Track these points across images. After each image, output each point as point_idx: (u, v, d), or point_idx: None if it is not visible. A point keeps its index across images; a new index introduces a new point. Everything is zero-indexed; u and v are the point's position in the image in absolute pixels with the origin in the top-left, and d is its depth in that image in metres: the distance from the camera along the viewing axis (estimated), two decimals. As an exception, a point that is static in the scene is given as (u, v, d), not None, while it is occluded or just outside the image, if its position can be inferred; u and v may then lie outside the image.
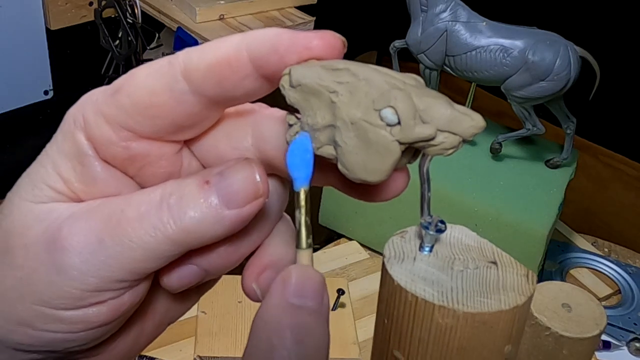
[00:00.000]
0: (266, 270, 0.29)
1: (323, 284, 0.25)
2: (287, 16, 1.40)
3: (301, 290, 0.24)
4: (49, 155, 0.27)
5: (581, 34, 1.13)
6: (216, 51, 0.25)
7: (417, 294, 0.27)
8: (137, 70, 0.26)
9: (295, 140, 0.26)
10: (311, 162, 0.26)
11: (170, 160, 0.28)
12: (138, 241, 0.25)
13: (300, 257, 0.26)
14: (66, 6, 1.31)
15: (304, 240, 0.26)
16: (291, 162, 0.26)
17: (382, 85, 0.25)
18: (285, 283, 0.25)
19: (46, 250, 0.26)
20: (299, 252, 0.26)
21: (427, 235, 0.29)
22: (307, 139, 0.26)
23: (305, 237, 0.26)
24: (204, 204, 0.25)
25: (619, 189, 1.59)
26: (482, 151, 1.16)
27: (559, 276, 1.17)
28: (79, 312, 0.26)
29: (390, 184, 0.27)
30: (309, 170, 0.26)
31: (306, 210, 0.26)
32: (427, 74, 1.13)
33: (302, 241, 0.26)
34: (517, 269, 0.29)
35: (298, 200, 0.26)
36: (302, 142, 0.26)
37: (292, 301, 0.24)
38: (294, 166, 0.26)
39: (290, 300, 0.24)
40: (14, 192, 0.27)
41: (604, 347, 1.05)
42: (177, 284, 0.28)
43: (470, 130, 0.25)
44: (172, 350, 0.95)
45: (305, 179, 0.26)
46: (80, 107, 0.27)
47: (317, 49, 0.25)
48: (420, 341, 0.28)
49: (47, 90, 1.34)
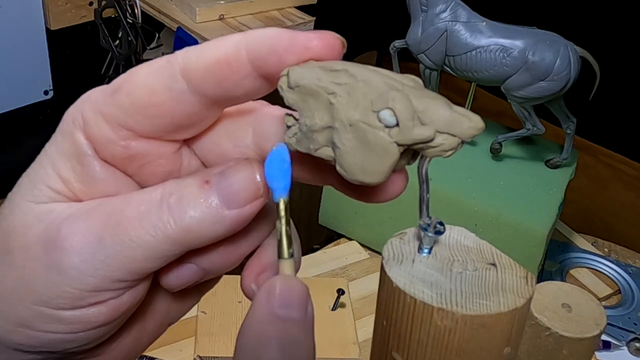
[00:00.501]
0: (265, 271, 0.29)
1: (307, 294, 0.25)
2: (287, 16, 1.39)
3: (286, 301, 0.25)
4: (48, 155, 0.27)
5: (581, 34, 1.13)
6: (215, 51, 0.25)
7: (416, 296, 0.27)
8: (136, 70, 0.26)
9: (272, 151, 0.26)
10: (289, 173, 0.26)
11: (170, 159, 0.28)
12: (138, 240, 0.25)
13: (282, 267, 0.26)
14: (66, 6, 1.31)
15: (285, 250, 0.26)
16: (269, 173, 0.26)
17: (381, 87, 0.25)
18: (269, 294, 0.25)
19: (45, 250, 0.26)
20: (281, 262, 0.26)
21: (426, 237, 0.29)
22: (285, 149, 0.26)
23: (287, 247, 0.26)
24: (204, 203, 0.25)
25: (619, 189, 1.59)
26: (482, 151, 1.16)
27: (559, 276, 1.17)
28: (78, 312, 0.26)
29: (389, 186, 0.27)
30: (287, 181, 0.26)
31: (286, 220, 0.26)
32: (427, 74, 1.13)
33: (284, 251, 0.26)
34: (516, 271, 0.29)
35: (278, 211, 0.26)
36: (279, 153, 0.26)
37: (277, 312, 0.24)
38: (272, 177, 0.26)
39: (275, 311, 0.24)
40: (15, 192, 0.27)
41: (604, 347, 1.05)
42: (176, 283, 0.28)
43: (469, 131, 0.25)
44: (172, 350, 0.95)
45: (284, 189, 0.26)
46: (79, 107, 0.27)
47: (316, 50, 0.25)
48: (419, 343, 0.28)
49: (47, 90, 1.34)
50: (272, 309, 0.24)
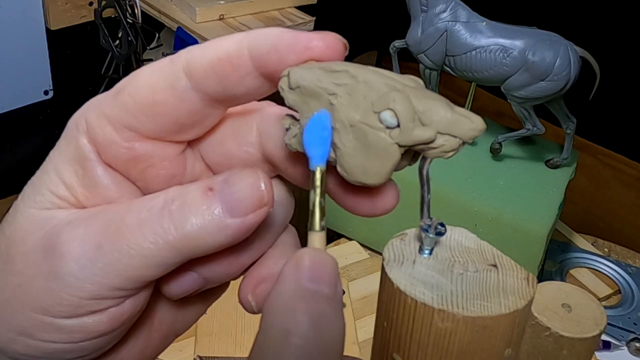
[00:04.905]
0: (263, 283, 0.28)
1: (337, 269, 0.24)
2: (287, 16, 1.39)
3: (316, 275, 0.24)
4: (52, 161, 0.27)
5: (581, 34, 1.13)
6: (218, 49, 0.25)
7: (417, 298, 0.27)
8: (139, 71, 0.26)
9: (313, 116, 0.25)
10: (329, 140, 0.25)
11: (174, 161, 0.28)
12: (137, 248, 0.25)
13: (312, 239, 0.25)
14: (66, 6, 1.31)
15: (317, 222, 0.25)
16: (308, 140, 0.25)
17: (381, 88, 0.25)
18: (299, 267, 0.24)
19: (45, 256, 0.25)
20: (312, 234, 0.25)
21: (426, 238, 0.29)
22: (327, 116, 0.25)
23: (319, 219, 0.25)
24: (206, 211, 0.25)
25: (619, 189, 1.59)
26: (482, 151, 1.16)
27: (559, 276, 1.17)
28: (78, 321, 0.26)
29: (380, 201, 0.27)
30: (326, 148, 0.25)
31: (321, 191, 0.25)
32: (427, 74, 1.13)
33: (316, 223, 0.25)
34: (517, 272, 0.29)
35: (313, 180, 0.25)
36: (320, 118, 0.25)
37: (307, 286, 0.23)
38: (311, 144, 0.25)
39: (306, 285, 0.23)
40: (19, 199, 0.27)
41: (604, 347, 1.05)
42: (177, 292, 0.28)
43: (470, 133, 0.25)
44: (172, 350, 0.95)
45: (322, 157, 0.25)
46: (82, 112, 0.27)
47: (317, 50, 0.25)
48: (419, 345, 0.28)
49: (47, 90, 1.34)
50: (302, 283, 0.23)
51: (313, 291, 0.23)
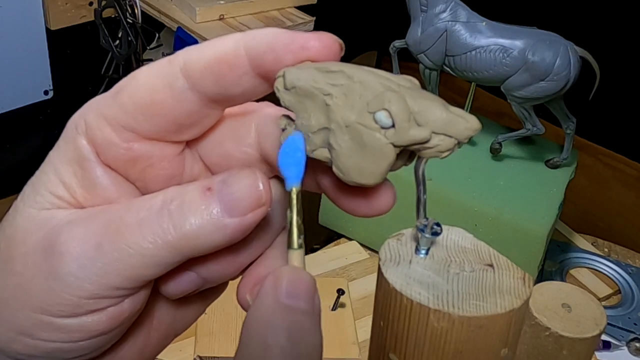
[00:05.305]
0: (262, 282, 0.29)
1: (314, 285, 0.25)
2: (287, 16, 1.39)
3: (293, 291, 0.24)
4: (51, 161, 0.27)
5: (581, 34, 1.13)
6: (215, 49, 0.25)
7: (412, 298, 0.27)
8: (137, 72, 0.26)
9: (287, 139, 0.26)
10: (303, 161, 0.26)
11: (173, 162, 0.28)
12: (136, 247, 0.25)
13: (291, 257, 0.26)
14: (66, 6, 1.31)
15: (295, 240, 0.26)
16: (283, 161, 0.25)
17: (377, 88, 0.25)
18: (276, 284, 0.25)
19: (44, 256, 0.25)
20: (290, 252, 0.26)
21: (422, 238, 0.29)
22: (300, 137, 0.26)
23: (297, 237, 0.26)
24: (205, 210, 0.25)
25: (619, 189, 1.59)
26: (482, 151, 1.16)
27: (559, 276, 1.17)
28: (77, 320, 0.26)
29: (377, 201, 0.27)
30: (300, 170, 0.25)
31: (297, 210, 0.26)
32: (427, 74, 1.13)
33: (294, 241, 0.26)
34: (513, 272, 0.29)
35: (289, 200, 0.26)
36: (294, 140, 0.26)
37: (284, 301, 0.24)
38: (286, 165, 0.25)
39: (282, 301, 0.24)
40: (19, 199, 0.27)
41: (604, 347, 1.05)
42: (175, 291, 0.28)
43: (465, 132, 0.25)
44: (172, 350, 0.95)
45: (296, 177, 0.26)
46: (82, 113, 0.27)
47: (313, 50, 0.25)
48: (416, 344, 0.28)
49: (47, 90, 1.34)
50: (278, 299, 0.24)
51: (290, 306, 0.24)
